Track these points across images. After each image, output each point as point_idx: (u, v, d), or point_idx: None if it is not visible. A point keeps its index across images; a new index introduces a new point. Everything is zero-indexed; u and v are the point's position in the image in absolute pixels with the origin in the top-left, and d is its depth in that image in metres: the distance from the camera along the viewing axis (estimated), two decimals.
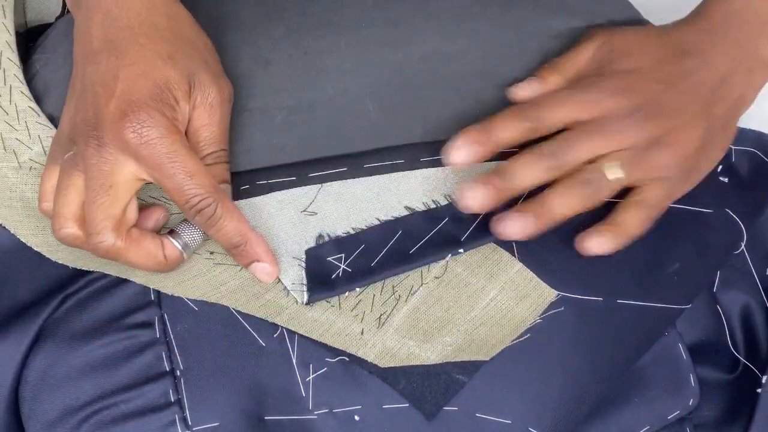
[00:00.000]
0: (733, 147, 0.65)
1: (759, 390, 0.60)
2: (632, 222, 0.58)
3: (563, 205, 0.56)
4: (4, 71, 0.62)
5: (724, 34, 0.61)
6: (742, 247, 0.63)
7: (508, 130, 0.57)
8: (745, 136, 0.66)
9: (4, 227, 0.59)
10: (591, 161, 0.57)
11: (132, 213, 0.55)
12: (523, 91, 0.60)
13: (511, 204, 0.57)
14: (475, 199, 0.56)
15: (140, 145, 0.53)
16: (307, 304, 0.56)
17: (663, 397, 0.60)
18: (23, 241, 0.58)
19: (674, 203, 0.60)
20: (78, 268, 0.57)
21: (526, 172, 0.56)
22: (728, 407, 0.62)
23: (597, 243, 0.57)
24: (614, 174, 0.57)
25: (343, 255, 0.57)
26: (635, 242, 0.59)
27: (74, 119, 0.55)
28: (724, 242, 0.62)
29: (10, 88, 0.62)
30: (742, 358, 0.62)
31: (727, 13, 0.61)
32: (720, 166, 0.64)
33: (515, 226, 0.56)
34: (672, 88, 0.59)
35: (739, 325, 0.63)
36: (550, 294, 0.57)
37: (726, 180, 0.64)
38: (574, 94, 0.58)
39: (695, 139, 0.59)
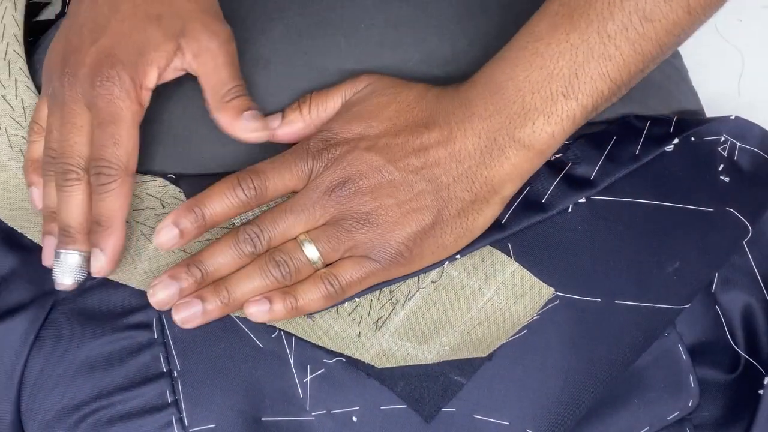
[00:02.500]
0: (738, 144, 0.65)
1: (761, 391, 0.60)
2: (309, 297, 0.55)
3: (248, 290, 0.55)
4: (9, 63, 0.62)
5: (480, 107, 0.55)
6: (744, 244, 0.63)
7: (225, 206, 0.55)
8: (749, 134, 0.65)
9: None
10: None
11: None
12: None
13: None
14: (165, 296, 0.55)
15: (98, 96, 0.55)
16: (306, 316, 0.56)
17: (663, 398, 0.60)
18: (31, 239, 0.59)
19: (672, 203, 0.60)
20: None
21: (221, 260, 0.55)
22: (728, 407, 0.62)
23: (259, 311, 0.55)
24: (309, 253, 0.55)
25: None
26: (634, 242, 0.59)
27: (62, 53, 0.57)
28: (726, 241, 0.61)
29: (15, 81, 0.62)
30: (745, 355, 0.62)
31: (490, 85, 0.55)
32: (721, 165, 0.63)
33: (186, 313, 0.55)
34: (392, 164, 0.55)
35: (741, 326, 0.62)
36: (547, 291, 0.57)
37: (727, 179, 0.63)
38: (292, 161, 0.56)
39: (411, 222, 0.55)
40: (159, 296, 0.55)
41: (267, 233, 0.55)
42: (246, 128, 0.57)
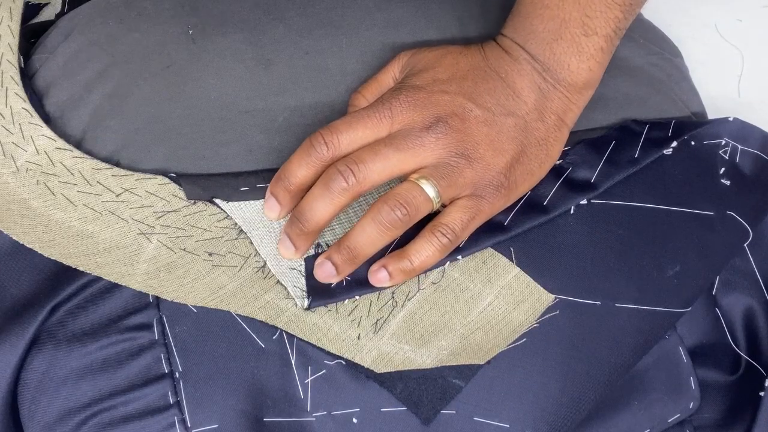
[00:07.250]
0: (740, 147, 0.65)
1: (762, 393, 0.60)
2: (424, 254, 0.55)
3: (368, 242, 0.55)
4: (1, 73, 0.62)
5: (522, 54, 0.58)
6: (745, 247, 0.63)
7: (303, 169, 0.55)
8: (750, 136, 0.65)
9: None
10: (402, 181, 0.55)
11: None
12: None
13: None
14: (286, 251, 0.56)
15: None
16: (306, 309, 0.56)
17: (663, 400, 0.60)
18: (16, 239, 0.58)
19: (673, 206, 0.60)
20: (72, 266, 0.57)
21: (320, 207, 0.54)
22: (729, 409, 0.62)
23: (382, 277, 0.56)
24: (429, 191, 0.54)
25: None
26: (634, 245, 0.59)
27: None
28: (726, 244, 0.62)
29: (6, 90, 0.62)
30: (746, 356, 0.62)
31: (518, 38, 0.58)
32: (722, 169, 0.63)
33: (323, 273, 0.56)
34: (472, 102, 0.56)
35: (742, 328, 0.63)
36: (547, 298, 0.57)
37: (728, 183, 0.63)
38: (367, 113, 0.55)
39: (504, 153, 0.56)
40: (282, 253, 0.57)
41: (365, 167, 0.54)
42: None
